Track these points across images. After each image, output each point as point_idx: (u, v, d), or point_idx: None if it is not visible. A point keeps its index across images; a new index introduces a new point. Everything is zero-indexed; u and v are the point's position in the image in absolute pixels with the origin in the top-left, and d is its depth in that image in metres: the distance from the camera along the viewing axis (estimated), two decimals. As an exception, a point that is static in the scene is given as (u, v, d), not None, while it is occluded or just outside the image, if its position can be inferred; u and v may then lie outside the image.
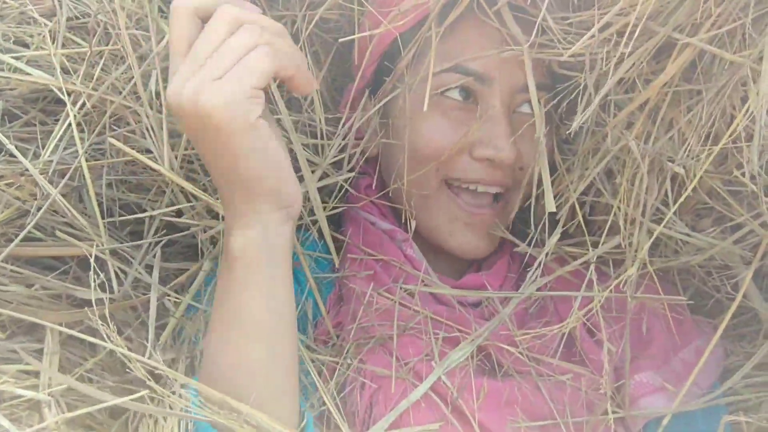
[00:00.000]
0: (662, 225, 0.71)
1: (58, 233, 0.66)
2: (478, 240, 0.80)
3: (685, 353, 0.78)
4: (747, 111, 0.65)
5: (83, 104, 0.74)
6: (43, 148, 0.75)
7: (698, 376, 0.75)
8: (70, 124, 0.72)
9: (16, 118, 0.80)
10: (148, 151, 0.73)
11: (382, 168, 0.84)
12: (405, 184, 0.79)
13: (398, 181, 0.80)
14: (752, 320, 0.82)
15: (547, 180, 0.73)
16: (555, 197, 0.80)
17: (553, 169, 0.82)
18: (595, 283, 0.74)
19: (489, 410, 0.71)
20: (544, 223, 0.78)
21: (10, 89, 0.78)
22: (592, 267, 0.75)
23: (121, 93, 0.77)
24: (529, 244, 0.80)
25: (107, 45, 0.83)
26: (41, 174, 0.68)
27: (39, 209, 0.65)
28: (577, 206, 0.77)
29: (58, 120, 0.79)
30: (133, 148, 0.69)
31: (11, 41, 0.83)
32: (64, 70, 0.79)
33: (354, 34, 0.76)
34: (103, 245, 0.66)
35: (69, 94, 0.76)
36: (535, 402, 0.74)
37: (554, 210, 0.72)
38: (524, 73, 0.76)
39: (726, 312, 0.71)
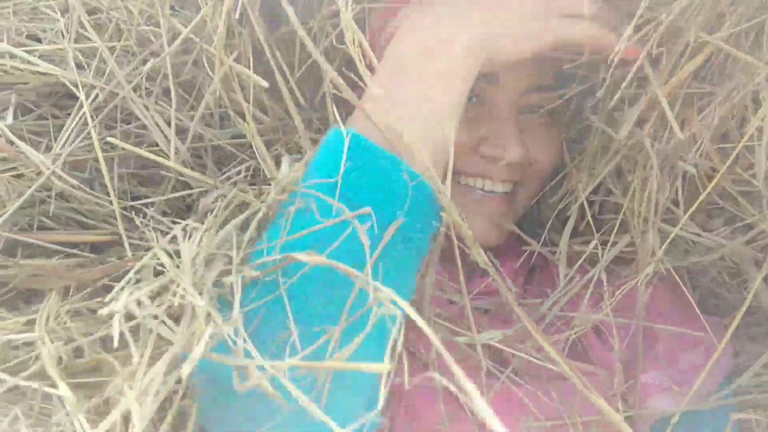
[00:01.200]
0: (677, 227, 0.71)
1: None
2: (486, 229, 0.80)
3: (692, 353, 0.78)
4: (763, 115, 0.65)
5: (95, 97, 0.75)
6: (56, 141, 0.76)
7: (706, 377, 0.74)
8: (83, 116, 0.72)
9: (28, 112, 0.80)
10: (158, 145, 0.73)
11: None
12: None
13: None
14: (763, 320, 0.81)
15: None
16: (564, 196, 0.80)
17: (561, 169, 0.82)
18: (605, 283, 0.74)
19: (501, 412, 0.71)
20: (554, 222, 0.78)
21: (24, 83, 0.79)
22: (601, 268, 0.75)
23: (133, 89, 0.78)
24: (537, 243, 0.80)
25: (119, 41, 0.83)
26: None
27: (50, 198, 0.65)
28: (586, 205, 0.77)
29: (69, 114, 0.80)
30: (142, 143, 0.70)
31: (24, 36, 0.84)
32: (77, 65, 0.79)
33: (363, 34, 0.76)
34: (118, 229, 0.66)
35: (82, 88, 0.77)
36: (545, 403, 0.73)
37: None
38: (534, 72, 0.76)
39: (736, 312, 0.70)
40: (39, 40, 0.83)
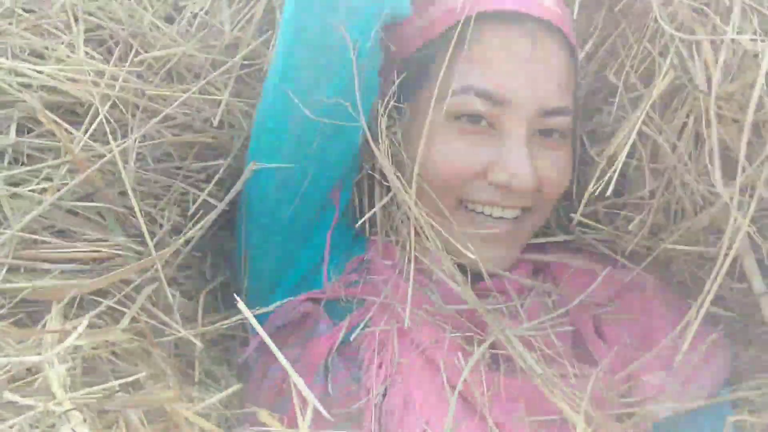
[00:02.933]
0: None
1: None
2: (494, 255, 0.78)
3: (691, 354, 0.78)
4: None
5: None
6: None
7: (705, 378, 0.75)
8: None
9: (30, 130, 0.80)
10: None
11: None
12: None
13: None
14: (762, 323, 0.82)
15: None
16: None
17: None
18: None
19: (501, 406, 0.71)
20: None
21: (27, 100, 0.79)
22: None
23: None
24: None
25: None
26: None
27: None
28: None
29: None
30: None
31: (26, 53, 0.84)
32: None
33: None
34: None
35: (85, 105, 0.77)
36: (545, 398, 0.73)
37: None
38: (549, 95, 0.75)
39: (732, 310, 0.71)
40: (42, 56, 0.83)
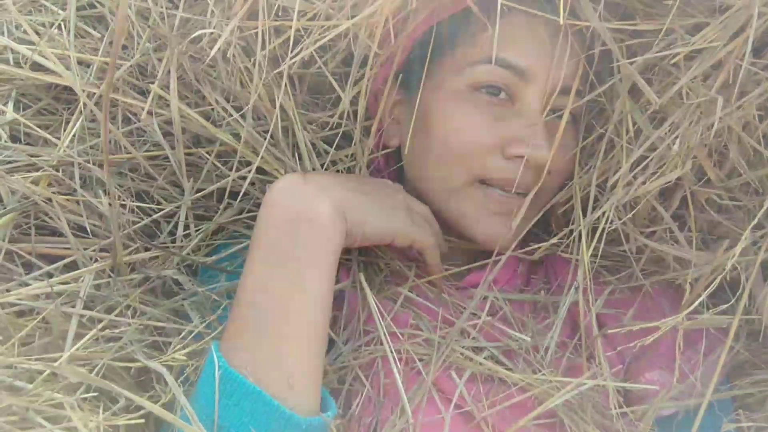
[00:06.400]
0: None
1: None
2: (503, 230, 0.77)
3: (692, 352, 0.78)
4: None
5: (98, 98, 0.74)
6: (62, 131, 0.75)
7: (704, 376, 0.74)
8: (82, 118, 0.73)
9: (27, 106, 0.80)
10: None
11: (404, 160, 0.81)
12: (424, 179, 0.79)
13: (425, 176, 0.79)
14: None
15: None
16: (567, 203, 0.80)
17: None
18: None
19: (499, 415, 0.71)
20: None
21: (22, 79, 0.78)
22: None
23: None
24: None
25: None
26: (56, 166, 0.69)
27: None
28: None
29: (69, 108, 0.80)
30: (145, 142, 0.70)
31: (22, 30, 0.83)
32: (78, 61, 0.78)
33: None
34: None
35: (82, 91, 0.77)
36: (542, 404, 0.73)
37: None
38: (569, 73, 0.74)
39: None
40: (38, 34, 0.82)
